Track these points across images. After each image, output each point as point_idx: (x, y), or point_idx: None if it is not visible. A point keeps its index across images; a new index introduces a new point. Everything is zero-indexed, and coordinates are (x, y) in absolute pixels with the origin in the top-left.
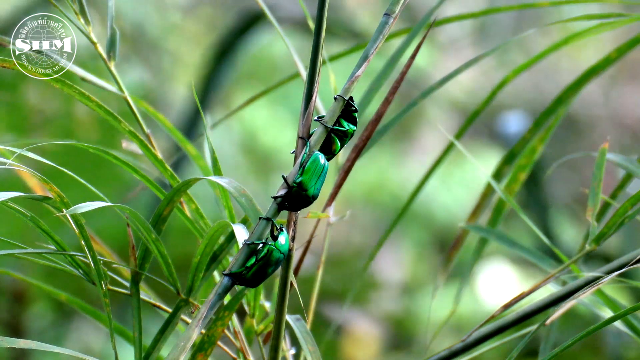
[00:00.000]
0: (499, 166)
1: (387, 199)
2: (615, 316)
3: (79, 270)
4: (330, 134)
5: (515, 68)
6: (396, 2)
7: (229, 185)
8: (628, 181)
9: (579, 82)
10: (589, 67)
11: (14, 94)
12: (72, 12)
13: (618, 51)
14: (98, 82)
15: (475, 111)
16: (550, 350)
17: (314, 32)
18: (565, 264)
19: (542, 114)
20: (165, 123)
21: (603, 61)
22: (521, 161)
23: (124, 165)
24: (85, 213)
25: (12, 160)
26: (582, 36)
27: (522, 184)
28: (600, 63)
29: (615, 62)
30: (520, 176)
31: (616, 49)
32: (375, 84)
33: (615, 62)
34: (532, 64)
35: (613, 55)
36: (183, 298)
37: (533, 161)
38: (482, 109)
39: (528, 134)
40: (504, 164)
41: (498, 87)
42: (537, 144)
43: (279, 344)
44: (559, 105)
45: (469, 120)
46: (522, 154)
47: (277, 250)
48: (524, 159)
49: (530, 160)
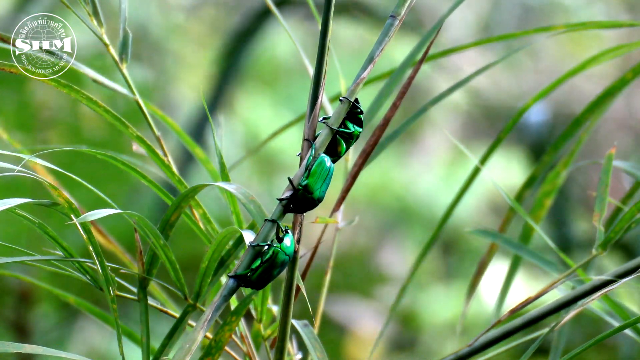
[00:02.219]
0: (520, 191)
1: (390, 200)
2: (625, 325)
3: (87, 276)
4: (336, 136)
5: (535, 95)
6: (402, 4)
7: (237, 192)
8: (638, 189)
9: (596, 104)
10: (606, 88)
11: (20, 92)
12: (73, 13)
13: (633, 72)
14: (109, 84)
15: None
16: (560, 354)
17: (320, 34)
18: (572, 269)
19: (560, 137)
20: (175, 127)
21: (619, 82)
22: (545, 187)
23: (132, 171)
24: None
25: (20, 162)
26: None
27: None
28: (616, 84)
29: (632, 82)
30: (546, 202)
31: (631, 70)
32: (385, 89)
33: (630, 83)
34: (553, 88)
35: (628, 76)
36: (191, 303)
37: (558, 187)
38: (505, 135)
39: (547, 156)
40: (524, 188)
41: (520, 113)
42: (561, 168)
43: (284, 347)
44: (577, 127)
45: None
46: (546, 178)
47: (282, 252)
48: (548, 185)
49: (555, 185)
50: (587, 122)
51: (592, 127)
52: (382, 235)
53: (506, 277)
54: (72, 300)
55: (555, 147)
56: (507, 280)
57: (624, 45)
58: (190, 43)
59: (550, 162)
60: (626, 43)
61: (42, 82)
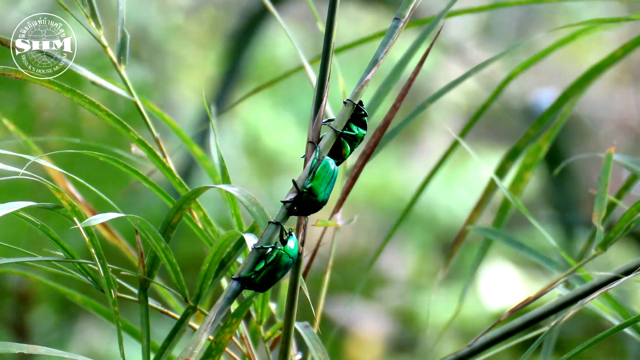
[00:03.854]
0: (502, 162)
1: (390, 200)
2: (624, 324)
3: (88, 277)
4: (340, 138)
5: (522, 63)
6: (406, 7)
7: (240, 195)
8: (633, 182)
9: (584, 79)
10: (594, 64)
11: (20, 93)
12: (72, 14)
13: (623, 49)
14: (109, 86)
15: (483, 105)
16: (553, 349)
17: (325, 36)
18: (572, 268)
19: (546, 112)
20: (174, 126)
21: (608, 58)
22: (526, 160)
23: (134, 173)
24: (97, 207)
25: (22, 162)
26: (587, 32)
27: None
28: (605, 60)
29: (621, 59)
30: (526, 175)
31: (622, 47)
32: (383, 87)
33: (621, 60)
34: (537, 59)
35: (618, 52)
36: (191, 305)
37: (539, 160)
38: (489, 103)
39: (532, 129)
40: (507, 159)
41: (505, 82)
42: (543, 143)
43: (288, 349)
44: (563, 102)
45: (476, 116)
46: (527, 152)
47: (286, 255)
48: (529, 158)
49: (536, 159)
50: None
51: (576, 101)
52: (382, 236)
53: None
54: (79, 299)
55: (540, 121)
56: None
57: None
58: (190, 44)
59: (535, 134)
60: (626, 44)
61: (43, 85)
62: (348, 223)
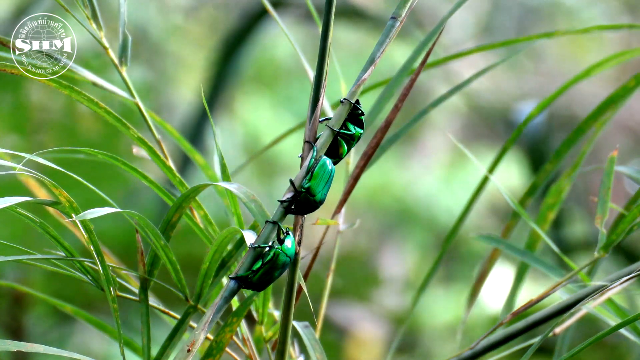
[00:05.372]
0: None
1: (390, 201)
2: (622, 323)
3: (88, 276)
4: (337, 138)
5: (541, 102)
6: (402, 6)
7: (238, 191)
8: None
9: (597, 113)
10: (607, 97)
11: (15, 93)
12: (73, 15)
13: (636, 80)
14: (110, 87)
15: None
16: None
17: (321, 35)
18: (573, 272)
19: (562, 145)
20: (174, 133)
21: (621, 90)
22: (548, 200)
23: (133, 171)
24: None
25: (16, 163)
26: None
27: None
28: (619, 92)
29: (634, 91)
30: (549, 215)
31: (634, 77)
32: (386, 92)
33: (634, 91)
34: (556, 97)
35: (631, 83)
36: (192, 304)
37: (561, 200)
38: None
39: (549, 165)
40: (527, 195)
41: (528, 118)
42: (564, 182)
43: (285, 349)
44: (579, 135)
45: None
46: (549, 191)
47: (283, 254)
48: (551, 198)
49: (558, 199)
50: (591, 130)
51: (596, 137)
52: (382, 237)
53: (512, 286)
54: (71, 310)
55: (557, 155)
56: (514, 288)
57: (628, 52)
58: (189, 44)
59: (553, 170)
60: (627, 44)
61: (40, 82)
62: (351, 227)
